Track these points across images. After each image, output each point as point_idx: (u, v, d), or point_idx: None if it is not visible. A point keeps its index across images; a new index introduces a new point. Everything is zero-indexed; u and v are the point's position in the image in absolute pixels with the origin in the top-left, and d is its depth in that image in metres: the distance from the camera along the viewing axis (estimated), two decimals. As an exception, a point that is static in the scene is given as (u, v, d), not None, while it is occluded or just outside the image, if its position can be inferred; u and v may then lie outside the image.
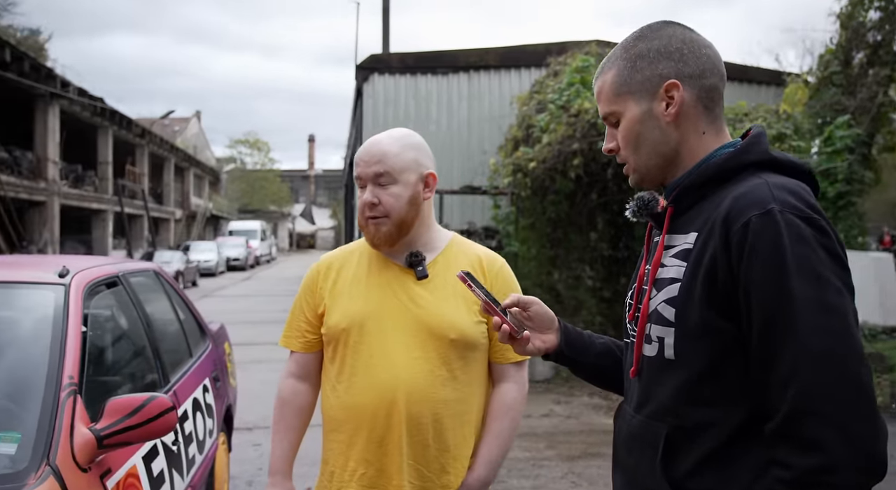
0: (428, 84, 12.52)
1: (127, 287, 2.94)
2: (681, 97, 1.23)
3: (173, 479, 2.61)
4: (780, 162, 1.20)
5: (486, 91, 12.55)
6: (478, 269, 1.88)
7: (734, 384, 1.13)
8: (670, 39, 1.25)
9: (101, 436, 1.98)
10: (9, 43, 17.91)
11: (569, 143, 8.07)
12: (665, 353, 1.20)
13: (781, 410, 1.04)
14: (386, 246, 1.81)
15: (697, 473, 1.15)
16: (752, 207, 1.09)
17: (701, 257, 1.15)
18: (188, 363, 3.34)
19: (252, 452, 5.20)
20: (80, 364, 2.15)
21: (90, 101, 23.14)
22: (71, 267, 2.52)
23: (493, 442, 1.83)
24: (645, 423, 1.24)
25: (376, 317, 1.78)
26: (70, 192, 23.14)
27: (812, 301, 1.04)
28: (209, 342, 3.86)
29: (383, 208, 1.76)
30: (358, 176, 1.78)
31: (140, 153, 31.55)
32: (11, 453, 1.84)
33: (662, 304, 1.21)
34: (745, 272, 1.08)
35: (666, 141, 1.25)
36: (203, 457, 3.14)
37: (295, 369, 1.93)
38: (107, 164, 26.74)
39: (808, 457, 1.01)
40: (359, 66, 12.56)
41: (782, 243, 1.06)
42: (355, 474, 1.76)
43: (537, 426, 6.00)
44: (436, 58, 12.67)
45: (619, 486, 1.35)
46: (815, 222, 1.08)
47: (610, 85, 1.28)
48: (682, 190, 1.24)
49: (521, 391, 1.88)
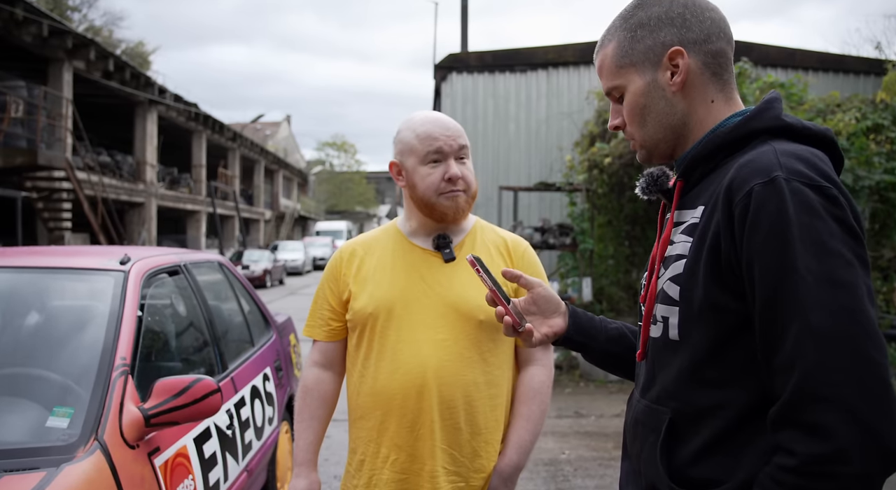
0: (506, 82, 12.48)
1: (188, 276, 3.05)
2: (686, 65, 1.16)
3: (227, 461, 2.69)
4: (794, 128, 1.11)
5: (564, 87, 12.40)
6: (503, 253, 1.85)
7: (741, 366, 1.06)
8: (671, 5, 1.18)
9: (149, 415, 2.06)
10: (113, 54, 18.98)
11: (645, 137, 7.87)
12: (669, 334, 1.14)
13: (785, 393, 0.96)
14: (461, 219, 1.82)
15: (701, 460, 1.08)
16: (755, 176, 1.02)
17: (706, 231, 1.08)
18: (249, 352, 3.43)
19: (321, 443, 5.31)
20: (133, 346, 2.25)
21: (185, 106, 24.24)
22: (133, 256, 2.65)
23: (523, 426, 1.80)
24: (649, 408, 1.18)
25: (403, 300, 1.77)
26: (166, 194, 24.30)
27: (818, 275, 0.96)
28: (273, 333, 3.96)
29: (464, 182, 1.77)
30: (439, 149, 1.75)
31: (232, 156, 32.81)
32: (63, 427, 1.94)
33: (668, 283, 1.14)
34: (747, 245, 1.01)
35: (673, 112, 1.18)
36: (261, 443, 3.23)
37: (319, 358, 1.92)
38: (200, 166, 27.94)
39: (814, 443, 0.93)
40: (437, 66, 12.64)
41: (786, 213, 0.98)
42: (388, 460, 1.75)
43: (607, 426, 5.87)
44: (513, 55, 12.60)
45: (624, 475, 1.29)
46: (825, 190, 0.99)
47: (611, 58, 1.22)
48: (690, 161, 1.17)
49: (548, 374, 1.85)
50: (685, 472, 1.09)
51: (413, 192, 1.80)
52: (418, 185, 1.77)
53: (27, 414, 2.02)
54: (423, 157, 1.76)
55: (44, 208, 15.29)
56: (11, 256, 2.71)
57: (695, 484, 1.08)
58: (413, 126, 1.80)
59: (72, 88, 17.21)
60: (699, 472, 1.08)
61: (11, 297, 2.49)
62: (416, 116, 1.83)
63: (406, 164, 1.80)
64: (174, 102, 23.20)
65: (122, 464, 1.94)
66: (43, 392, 2.09)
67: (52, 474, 1.76)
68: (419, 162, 1.77)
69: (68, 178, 14.96)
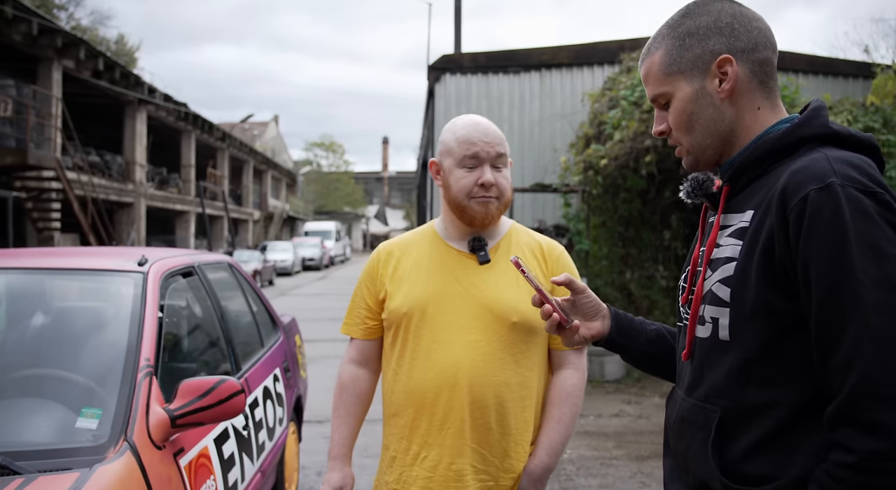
0: (500, 83, 12.52)
1: (202, 277, 3.06)
2: (735, 72, 1.19)
3: (243, 462, 2.71)
4: (841, 135, 1.15)
5: (557, 89, 12.45)
6: (538, 256, 1.88)
7: (792, 365, 1.09)
8: (719, 14, 1.22)
9: (175, 415, 2.08)
10: (102, 53, 18.85)
11: (641, 139, 7.93)
12: (719, 334, 1.17)
13: (843, 392, 1.00)
14: (491, 225, 1.84)
15: (753, 457, 1.11)
16: (810, 181, 1.05)
17: (757, 235, 1.11)
18: (259, 353, 3.45)
19: (323, 444, 5.31)
20: (155, 347, 2.26)
21: (174, 106, 24.11)
22: (149, 257, 2.65)
23: (555, 428, 1.83)
24: (697, 407, 1.21)
25: (438, 301, 1.80)
26: (155, 194, 24.17)
27: (875, 278, 0.99)
28: (280, 334, 3.97)
29: (497, 189, 1.79)
30: (476, 154, 1.77)
31: (221, 156, 32.67)
32: (93, 428, 1.95)
33: (717, 284, 1.18)
34: (803, 249, 1.04)
35: (721, 119, 1.22)
36: (273, 444, 3.24)
37: (355, 355, 1.97)
38: (190, 166, 27.80)
39: (872, 441, 0.97)
40: (431, 67, 12.66)
41: (843, 218, 1.01)
42: (418, 458, 1.78)
43: (607, 426, 5.92)
44: (507, 57, 12.65)
45: (668, 472, 1.32)
46: (879, 196, 1.03)
47: (658, 65, 1.25)
48: (738, 167, 1.20)
49: (581, 378, 1.88)
50: (737, 469, 1.12)
51: (447, 192, 1.84)
52: (452, 187, 1.80)
53: (55, 415, 2.03)
54: (460, 160, 1.79)
55: (33, 208, 15.18)
56: (29, 258, 2.71)
57: (747, 480, 1.11)
58: (455, 128, 1.84)
59: (61, 87, 17.08)
60: (751, 468, 1.11)
61: (31, 298, 2.49)
62: (461, 119, 1.87)
63: (444, 164, 1.84)
64: (164, 102, 23.08)
65: (151, 464, 1.95)
66: (69, 393, 2.10)
67: (85, 475, 1.77)
68: (455, 164, 1.80)
69: (58, 178, 14.86)
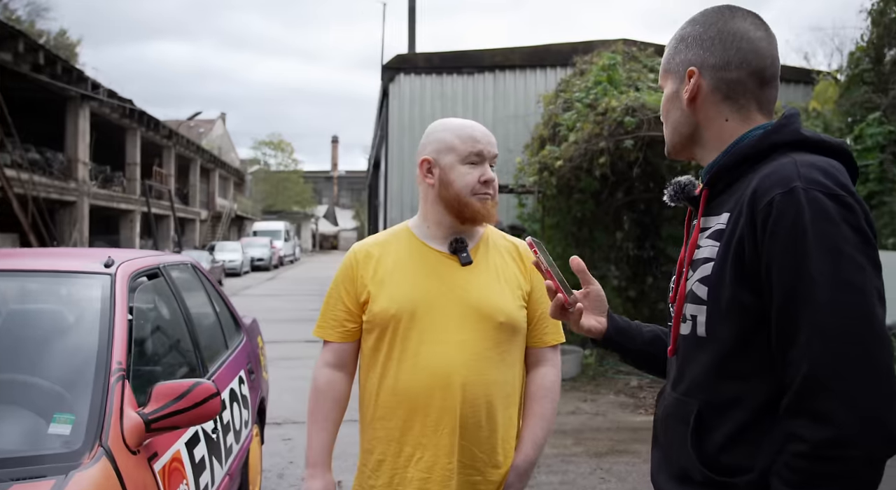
0: (454, 84, 12.56)
1: (167, 278, 3.00)
2: (696, 84, 1.27)
3: (213, 466, 2.67)
4: (811, 141, 1.21)
5: (511, 90, 12.56)
6: (515, 258, 1.91)
7: (762, 359, 1.15)
8: (709, 28, 1.28)
9: (149, 419, 2.04)
10: (42, 46, 18.25)
11: (595, 141, 8.05)
12: (697, 331, 1.23)
13: (794, 384, 1.06)
14: (487, 222, 1.87)
15: (729, 448, 1.17)
16: (776, 186, 1.11)
17: (731, 236, 1.17)
18: (225, 355, 3.40)
19: (282, 446, 5.27)
20: (127, 350, 2.21)
21: (119, 102, 23.49)
22: (116, 258, 2.59)
23: (537, 423, 1.86)
24: (679, 401, 1.27)
25: (425, 302, 1.80)
26: (99, 193, 23.51)
27: (830, 277, 1.05)
28: (244, 335, 3.92)
29: (493, 188, 1.84)
30: (480, 152, 1.81)
31: (167, 154, 31.96)
32: (66, 434, 1.90)
33: (696, 284, 1.23)
34: (767, 250, 1.10)
35: (686, 122, 1.32)
36: (239, 447, 3.20)
37: (331, 359, 1.92)
38: (135, 164, 27.12)
39: (820, 429, 1.03)
40: (385, 66, 12.63)
41: (803, 220, 1.07)
42: (412, 459, 1.77)
43: (564, 423, 6.00)
44: (461, 57, 12.71)
45: (655, 464, 1.37)
46: (841, 199, 1.08)
47: (663, 60, 1.37)
48: (716, 172, 1.27)
49: (557, 374, 1.92)
50: (716, 459, 1.18)
51: (447, 189, 1.82)
52: (455, 183, 1.81)
53: (25, 421, 1.97)
54: (464, 157, 1.81)
55: (-30, 207, 14.62)
56: (-12, 259, 2.62)
57: (724, 470, 1.16)
58: (452, 128, 1.85)
59: (-1, 82, 16.50)
60: (728, 459, 1.17)
61: (-6, 301, 2.41)
62: (454, 120, 1.89)
63: (442, 161, 1.83)
64: (108, 98, 22.46)
65: (126, 470, 1.91)
66: (39, 399, 2.04)
67: (61, 482, 1.73)
68: (459, 160, 1.81)
69: (-3, 176, 14.33)
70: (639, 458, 5.10)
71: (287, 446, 5.28)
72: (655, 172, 9.11)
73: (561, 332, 1.93)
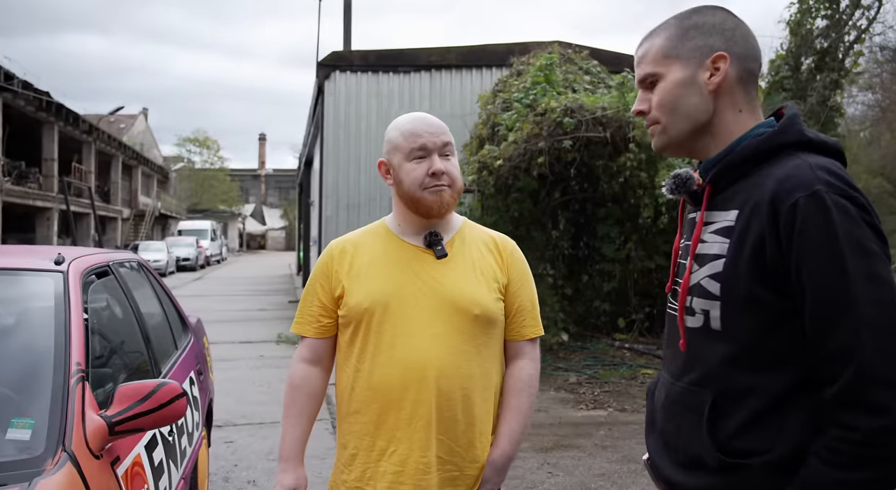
0: (390, 82, 12.52)
1: (117, 276, 2.89)
2: (726, 70, 1.29)
3: (170, 469, 2.58)
4: (815, 142, 1.26)
5: (447, 90, 12.60)
6: (493, 250, 1.92)
7: (779, 352, 1.20)
8: (725, 20, 1.32)
9: (113, 422, 1.96)
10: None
11: (535, 141, 8.16)
12: (711, 325, 1.26)
13: (843, 377, 1.11)
14: (445, 214, 1.85)
15: (743, 434, 1.21)
16: (798, 189, 1.16)
17: (745, 235, 1.21)
18: (175, 355, 3.29)
19: (225, 449, 5.13)
20: (85, 351, 2.11)
21: (35, 94, 22.42)
22: (65, 255, 2.48)
23: (514, 417, 1.86)
24: (688, 390, 1.30)
25: (399, 296, 1.80)
26: (13, 190, 22.37)
27: (864, 274, 1.11)
28: (191, 335, 3.81)
29: (448, 177, 1.80)
30: (423, 145, 1.79)
31: (87, 150, 30.68)
32: (26, 439, 1.80)
33: (706, 279, 1.27)
34: (796, 250, 1.15)
35: (704, 108, 1.31)
36: (192, 449, 3.11)
37: (307, 354, 1.91)
38: (52, 160, 25.93)
39: (876, 419, 1.09)
40: (320, 64, 12.47)
41: (832, 222, 1.13)
42: (385, 453, 1.77)
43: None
44: (397, 56, 12.67)
45: (655, 450, 1.40)
46: (857, 200, 1.16)
47: (658, 47, 1.34)
48: (721, 169, 1.30)
49: (536, 368, 1.93)
50: (730, 444, 1.22)
51: (399, 188, 1.84)
52: (404, 181, 1.81)
53: (-21, 427, 1.85)
54: (408, 154, 1.81)
55: None
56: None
57: (739, 453, 1.21)
58: (399, 125, 1.86)
59: None
60: (742, 443, 1.21)
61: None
62: (403, 117, 1.89)
63: (393, 161, 1.85)
64: (23, 90, 21.40)
65: (91, 475, 1.83)
66: (-7, 403, 1.93)
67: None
68: (405, 158, 1.82)
69: None
70: (583, 452, 5.21)
71: (230, 449, 5.15)
72: (591, 173, 9.30)
73: (539, 326, 1.94)
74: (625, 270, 9.88)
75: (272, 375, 7.91)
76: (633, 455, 5.11)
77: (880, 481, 1.10)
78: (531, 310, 1.92)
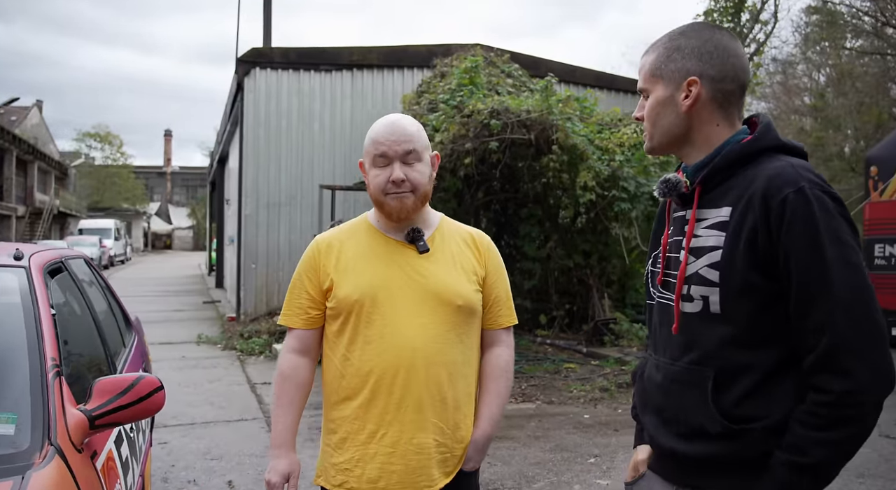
0: (311, 80, 12.41)
1: (71, 272, 2.84)
2: (697, 93, 1.46)
3: (133, 466, 2.57)
4: (788, 146, 1.46)
5: (369, 90, 12.61)
6: (471, 245, 2.03)
7: (771, 330, 1.38)
8: (706, 43, 1.47)
9: (93, 416, 1.96)
10: None
11: (461, 142, 8.31)
12: (710, 309, 1.42)
13: (819, 348, 1.30)
14: (408, 218, 1.93)
15: (742, 403, 1.38)
16: (786, 185, 1.34)
17: (740, 228, 1.38)
18: (124, 352, 3.25)
19: (160, 450, 5.03)
20: (56, 345, 2.10)
21: (-79, 84, 20.95)
22: (23, 250, 2.43)
23: (493, 401, 1.99)
24: (688, 369, 1.46)
25: (386, 288, 1.89)
26: None
27: (840, 260, 1.30)
28: (135, 333, 3.75)
29: (409, 184, 1.88)
30: (383, 154, 1.87)
31: (-23, 144, 28.90)
32: (10, 434, 1.78)
33: (705, 268, 1.43)
34: (785, 239, 1.32)
35: (679, 124, 1.50)
36: (145, 447, 3.08)
37: (296, 345, 1.99)
38: (-61, 154, 24.31)
39: (843, 382, 1.28)
40: (240, 60, 12.23)
41: (814, 215, 1.31)
42: (375, 436, 1.86)
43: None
44: (318, 54, 12.57)
45: (653, 426, 1.55)
46: (834, 195, 1.35)
47: (648, 66, 1.52)
48: (710, 172, 1.46)
49: (511, 354, 2.06)
50: (731, 412, 1.39)
51: (369, 189, 1.95)
52: (370, 185, 1.93)
53: (-41, 423, 1.82)
54: (372, 160, 1.92)
55: None
56: None
57: (742, 419, 1.38)
58: (371, 130, 1.95)
59: None
60: (742, 411, 1.39)
61: None
62: (379, 121, 1.97)
63: (365, 164, 1.96)
64: None
65: (77, 468, 1.82)
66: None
67: (18, 483, 1.63)
68: (370, 164, 1.93)
69: None
70: (518, 442, 5.39)
71: (165, 450, 5.05)
72: (513, 174, 9.55)
73: (514, 315, 2.07)
74: (545, 269, 10.19)
75: (198, 376, 7.75)
76: (564, 444, 5.34)
77: (853, 438, 1.29)
78: (506, 300, 2.05)
